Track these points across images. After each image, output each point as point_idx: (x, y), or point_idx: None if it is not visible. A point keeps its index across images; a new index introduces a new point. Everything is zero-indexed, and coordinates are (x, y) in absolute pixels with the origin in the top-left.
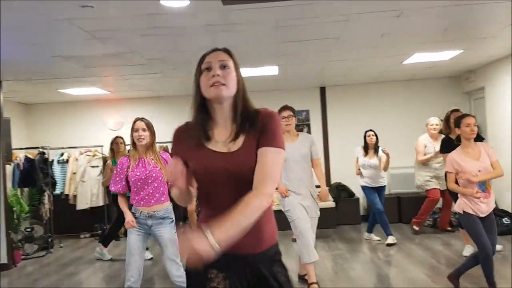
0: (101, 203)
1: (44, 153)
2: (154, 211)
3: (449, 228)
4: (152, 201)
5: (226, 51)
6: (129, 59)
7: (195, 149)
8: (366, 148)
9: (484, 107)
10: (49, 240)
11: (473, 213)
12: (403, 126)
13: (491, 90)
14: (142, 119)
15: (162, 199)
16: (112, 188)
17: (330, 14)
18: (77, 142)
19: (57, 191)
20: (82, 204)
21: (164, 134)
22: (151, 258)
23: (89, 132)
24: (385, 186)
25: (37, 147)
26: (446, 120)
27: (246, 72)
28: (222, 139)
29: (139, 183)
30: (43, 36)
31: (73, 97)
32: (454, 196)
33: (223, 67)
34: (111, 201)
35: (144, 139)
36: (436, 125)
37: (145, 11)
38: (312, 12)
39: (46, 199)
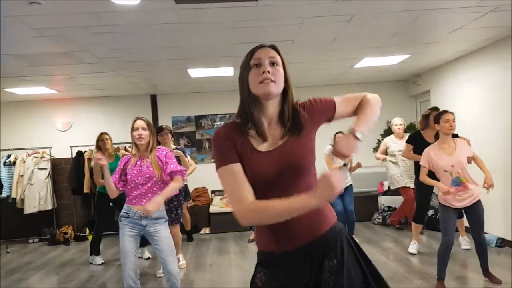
0: (49, 207)
1: None
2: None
3: (398, 226)
4: (144, 201)
5: (274, 47)
6: (79, 58)
7: (242, 153)
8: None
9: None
10: None
11: (448, 205)
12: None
13: (436, 93)
14: (141, 118)
15: (145, 201)
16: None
17: (285, 16)
18: (24, 143)
19: (4, 194)
20: (30, 207)
21: (120, 134)
22: (148, 258)
23: (36, 133)
24: (351, 185)
25: None
26: (425, 117)
27: (200, 72)
28: (272, 137)
29: (133, 182)
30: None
31: (20, 97)
32: (419, 193)
33: (273, 64)
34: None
35: (144, 138)
36: (400, 124)
37: (95, 9)
38: (268, 14)
39: None
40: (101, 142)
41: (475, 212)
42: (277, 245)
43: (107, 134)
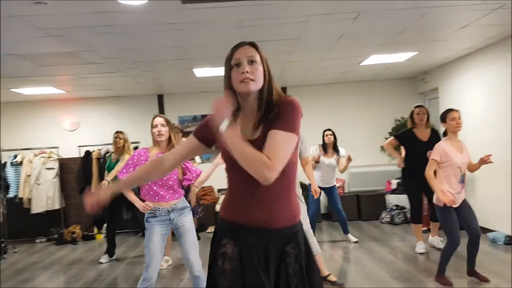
0: (57, 206)
1: None
2: (174, 204)
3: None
4: (167, 197)
5: (253, 45)
6: (86, 58)
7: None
8: (324, 147)
9: (438, 107)
10: (2, 245)
11: (455, 206)
12: (362, 126)
13: (444, 90)
14: (160, 115)
15: (177, 195)
16: (120, 176)
17: (291, 15)
18: (32, 143)
19: (11, 194)
20: (37, 207)
21: (128, 133)
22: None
23: (44, 133)
24: (334, 185)
25: None
26: (410, 115)
27: (206, 71)
28: (246, 128)
29: (159, 181)
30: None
31: (27, 97)
32: (410, 194)
33: (251, 62)
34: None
35: (163, 134)
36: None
37: (101, 9)
38: (273, 12)
39: None
40: (113, 140)
41: (466, 206)
42: (244, 217)
43: (121, 133)
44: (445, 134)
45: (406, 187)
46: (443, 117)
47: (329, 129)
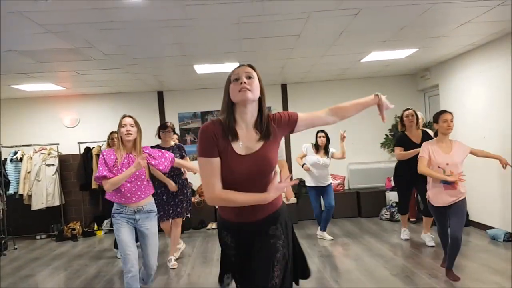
0: (57, 203)
1: None
2: (141, 206)
3: (412, 219)
4: (134, 199)
5: (251, 66)
6: (86, 54)
7: (223, 151)
8: (317, 147)
9: (439, 104)
10: (3, 242)
11: (437, 205)
12: (361, 123)
13: (445, 87)
14: (129, 115)
15: (143, 196)
16: (99, 175)
17: (291, 11)
18: (32, 140)
19: (11, 191)
20: (38, 204)
21: None
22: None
23: (44, 130)
24: (330, 184)
25: None
26: (400, 118)
27: (206, 68)
28: (247, 141)
29: (136, 176)
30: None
31: (27, 93)
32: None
33: (249, 77)
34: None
35: (132, 134)
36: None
37: (102, 5)
38: (273, 9)
39: None
40: (111, 140)
41: (459, 209)
42: (236, 217)
43: (116, 133)
44: (436, 134)
45: (398, 183)
46: (436, 118)
47: (322, 131)
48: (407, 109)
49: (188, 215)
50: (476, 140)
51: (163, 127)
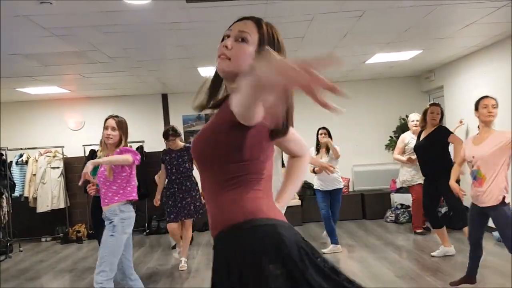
0: (62, 205)
1: (2, 154)
2: (105, 211)
3: (422, 230)
4: (106, 201)
5: (257, 22)
6: (90, 57)
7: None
8: (317, 147)
9: (443, 105)
10: (8, 244)
11: (473, 201)
12: (366, 124)
13: (450, 89)
14: (114, 117)
15: (106, 201)
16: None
17: (294, 13)
18: (37, 142)
19: (16, 193)
20: (43, 206)
21: (131, 133)
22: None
23: (49, 133)
24: (341, 188)
25: None
26: (424, 113)
27: (211, 70)
28: None
29: (100, 182)
30: (0, 33)
31: (32, 97)
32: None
33: (242, 39)
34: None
35: (111, 138)
36: (417, 121)
37: (106, 8)
38: (277, 11)
39: (4, 202)
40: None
41: (497, 214)
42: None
43: None
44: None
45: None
46: (476, 105)
47: (324, 128)
48: (433, 104)
49: (199, 216)
50: None
51: (166, 137)
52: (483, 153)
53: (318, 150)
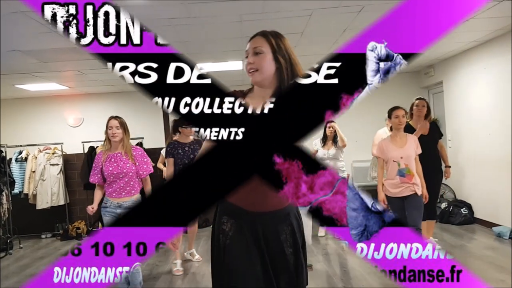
0: (62, 202)
1: (1, 151)
2: (123, 202)
3: None
4: (123, 193)
5: (263, 35)
6: (89, 53)
7: None
8: (324, 139)
9: (443, 101)
10: (8, 241)
11: (389, 194)
12: (365, 120)
13: (449, 84)
14: (116, 117)
15: (133, 191)
16: (90, 179)
17: (293, 8)
18: (36, 139)
19: (16, 190)
20: (43, 203)
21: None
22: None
23: (48, 129)
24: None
25: None
26: (410, 108)
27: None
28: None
29: (111, 177)
30: None
31: (31, 93)
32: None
33: (256, 54)
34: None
35: (117, 136)
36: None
37: None
38: (276, 6)
39: (3, 199)
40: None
41: (413, 203)
42: (251, 205)
43: None
44: (391, 130)
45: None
46: (389, 114)
47: (332, 121)
48: (419, 98)
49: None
50: (481, 136)
51: (176, 130)
52: (410, 153)
53: (324, 142)
